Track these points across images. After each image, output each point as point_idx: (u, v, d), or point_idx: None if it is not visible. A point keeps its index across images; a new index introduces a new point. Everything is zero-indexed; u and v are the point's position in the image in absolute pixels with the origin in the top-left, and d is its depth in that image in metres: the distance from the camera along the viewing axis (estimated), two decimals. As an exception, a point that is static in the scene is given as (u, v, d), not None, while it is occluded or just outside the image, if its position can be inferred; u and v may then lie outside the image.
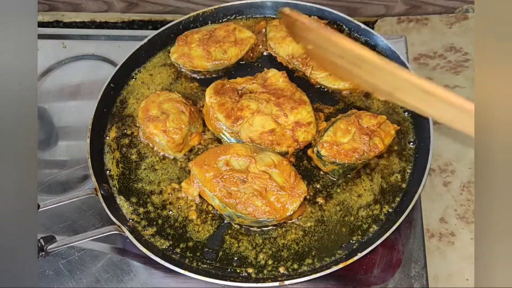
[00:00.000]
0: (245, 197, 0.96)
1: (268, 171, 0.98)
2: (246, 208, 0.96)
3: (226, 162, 1.00)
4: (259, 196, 0.96)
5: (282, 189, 0.97)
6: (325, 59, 0.85)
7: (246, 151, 1.01)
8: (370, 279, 1.00)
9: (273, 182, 0.97)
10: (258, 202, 0.96)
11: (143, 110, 1.10)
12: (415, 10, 1.48)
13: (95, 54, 1.38)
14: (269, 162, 0.99)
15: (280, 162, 1.00)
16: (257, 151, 1.02)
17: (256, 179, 0.97)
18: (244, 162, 1.00)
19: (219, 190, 0.98)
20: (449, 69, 1.34)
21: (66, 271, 1.04)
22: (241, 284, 0.93)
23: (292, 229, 1.00)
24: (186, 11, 1.42)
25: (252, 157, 1.00)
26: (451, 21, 1.42)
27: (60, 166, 1.20)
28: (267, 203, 0.96)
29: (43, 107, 1.31)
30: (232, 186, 0.98)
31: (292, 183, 0.97)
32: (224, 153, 1.01)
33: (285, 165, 1.00)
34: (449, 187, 1.17)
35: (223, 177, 0.98)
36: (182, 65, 1.21)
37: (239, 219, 0.99)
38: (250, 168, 0.99)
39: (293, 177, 0.98)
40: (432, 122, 1.05)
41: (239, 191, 0.97)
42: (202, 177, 0.99)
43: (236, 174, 0.98)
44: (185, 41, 1.21)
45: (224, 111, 1.07)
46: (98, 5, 1.56)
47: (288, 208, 0.96)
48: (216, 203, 0.99)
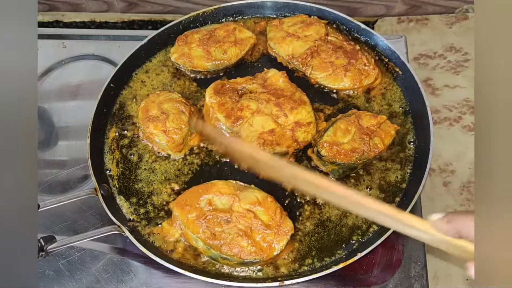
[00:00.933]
0: (230, 238, 0.93)
1: (252, 209, 0.95)
2: (231, 249, 0.92)
3: (209, 202, 0.97)
4: (244, 236, 0.92)
5: (268, 228, 0.94)
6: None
7: (229, 188, 0.98)
8: (370, 279, 1.00)
9: (258, 220, 0.94)
10: (244, 242, 0.92)
11: (143, 110, 1.10)
12: (415, 10, 1.48)
13: (95, 54, 1.38)
14: (253, 200, 0.96)
15: (265, 199, 0.97)
16: (240, 189, 0.99)
17: (240, 218, 0.94)
18: (228, 200, 0.97)
19: (202, 231, 0.94)
20: (449, 69, 1.34)
21: (66, 271, 1.04)
22: (241, 284, 0.93)
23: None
24: (186, 11, 1.42)
25: (235, 195, 0.97)
26: (451, 21, 1.42)
27: (60, 166, 1.20)
28: (253, 243, 0.92)
29: (43, 107, 1.31)
30: (216, 227, 0.94)
31: (278, 221, 0.94)
32: (206, 192, 0.98)
33: (270, 202, 0.97)
34: (449, 187, 1.17)
35: (206, 217, 0.95)
36: (182, 65, 1.21)
37: (224, 261, 0.95)
38: (233, 207, 0.96)
39: (278, 214, 0.95)
40: (432, 122, 1.05)
41: (223, 232, 0.94)
42: (184, 218, 0.96)
43: (219, 214, 0.95)
44: (185, 41, 1.21)
45: (224, 111, 1.07)
46: (98, 5, 1.56)
47: (275, 248, 0.93)
48: (200, 245, 0.95)
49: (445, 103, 1.27)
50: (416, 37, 1.42)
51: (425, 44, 1.40)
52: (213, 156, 1.10)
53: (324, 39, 1.18)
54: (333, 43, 1.18)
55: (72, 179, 1.18)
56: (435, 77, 1.32)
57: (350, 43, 1.18)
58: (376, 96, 1.16)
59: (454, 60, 1.35)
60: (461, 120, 1.24)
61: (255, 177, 1.06)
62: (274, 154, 1.04)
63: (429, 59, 1.37)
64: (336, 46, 1.17)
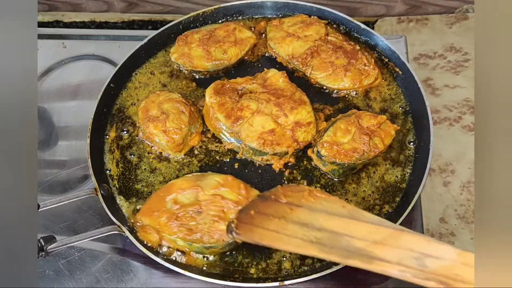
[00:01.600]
0: (207, 226, 0.93)
1: (217, 193, 0.96)
2: (213, 236, 0.93)
3: (174, 201, 0.97)
4: (220, 220, 0.94)
5: (238, 203, 0.95)
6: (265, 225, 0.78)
7: (188, 183, 0.99)
8: (370, 279, 1.00)
9: (227, 201, 0.95)
10: (222, 225, 0.93)
11: (143, 110, 1.10)
12: (415, 10, 1.48)
13: (95, 54, 1.38)
14: (215, 184, 0.97)
15: (225, 179, 0.98)
16: (199, 179, 1.00)
17: (210, 205, 0.95)
18: (191, 193, 0.97)
19: (178, 230, 0.94)
20: (449, 69, 1.34)
21: (66, 271, 1.04)
22: (241, 284, 0.93)
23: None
24: (186, 11, 1.42)
25: (197, 186, 0.98)
26: (451, 21, 1.42)
27: (60, 166, 1.20)
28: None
29: (43, 107, 1.31)
30: (189, 221, 0.94)
31: (245, 194, 0.96)
32: (168, 193, 0.99)
33: (231, 180, 0.98)
34: (449, 187, 1.17)
35: (177, 216, 0.95)
36: (182, 65, 1.21)
37: (210, 250, 0.95)
38: (199, 197, 0.97)
39: (243, 188, 0.97)
40: (432, 122, 1.05)
41: (198, 224, 0.94)
42: (156, 224, 0.96)
43: (188, 208, 0.95)
44: (185, 41, 1.21)
45: (224, 111, 1.07)
46: (98, 5, 1.56)
47: None
48: (181, 244, 0.95)
49: (445, 103, 1.27)
50: (416, 37, 1.42)
51: (425, 44, 1.40)
52: (213, 156, 1.10)
53: (324, 39, 1.19)
54: (333, 43, 1.18)
55: (72, 179, 1.18)
56: (435, 77, 1.32)
57: (350, 43, 1.18)
58: (376, 96, 1.16)
59: (454, 60, 1.35)
60: (461, 120, 1.24)
61: (254, 176, 1.06)
62: (274, 154, 1.04)
63: (429, 59, 1.37)
64: (336, 46, 1.17)
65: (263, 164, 1.08)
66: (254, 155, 1.07)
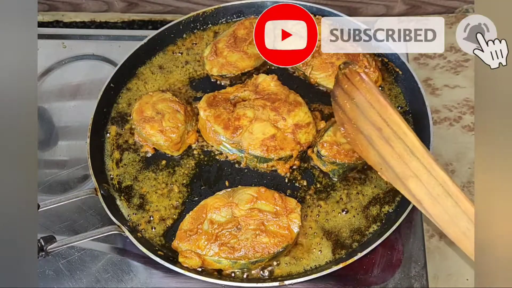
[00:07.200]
0: (250, 241, 0.93)
1: (254, 206, 0.96)
2: (257, 250, 0.92)
3: (210, 222, 0.95)
4: (261, 233, 0.93)
5: (277, 214, 0.95)
6: (358, 130, 0.89)
7: (221, 200, 0.97)
8: (370, 279, 1.00)
9: (264, 213, 0.95)
10: (264, 238, 0.93)
11: (137, 111, 1.10)
12: (415, 10, 1.48)
13: (95, 54, 1.38)
14: (249, 198, 0.96)
15: (258, 192, 0.97)
16: (231, 195, 0.98)
17: (248, 219, 0.94)
18: (226, 211, 0.96)
19: (220, 250, 0.93)
20: (449, 69, 1.34)
21: (66, 271, 1.04)
22: (241, 284, 0.93)
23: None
24: (186, 11, 1.42)
25: (230, 203, 0.96)
26: (451, 21, 1.42)
27: (60, 166, 1.20)
28: (273, 234, 0.93)
29: (43, 107, 1.31)
30: (231, 240, 0.93)
31: (282, 204, 0.96)
32: (202, 214, 0.97)
33: (264, 192, 0.97)
34: (449, 187, 1.17)
35: (216, 236, 0.94)
36: (228, 73, 1.18)
37: (256, 265, 0.94)
38: (235, 213, 0.95)
39: (278, 198, 0.96)
40: (432, 122, 1.05)
41: (240, 240, 0.93)
42: (196, 247, 0.94)
43: (226, 226, 0.94)
44: (214, 54, 1.19)
45: (221, 122, 1.06)
46: (98, 5, 1.56)
47: (293, 229, 0.94)
48: (225, 263, 0.93)
49: (445, 103, 1.27)
50: (416, 37, 1.41)
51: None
52: (211, 153, 1.10)
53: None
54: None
55: (72, 179, 1.18)
56: (435, 77, 1.32)
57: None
58: (376, 96, 1.15)
59: (454, 60, 1.35)
60: (461, 120, 1.24)
61: (254, 176, 1.06)
62: (279, 159, 1.04)
63: (429, 59, 1.36)
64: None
65: (268, 171, 1.07)
66: (258, 163, 1.06)
